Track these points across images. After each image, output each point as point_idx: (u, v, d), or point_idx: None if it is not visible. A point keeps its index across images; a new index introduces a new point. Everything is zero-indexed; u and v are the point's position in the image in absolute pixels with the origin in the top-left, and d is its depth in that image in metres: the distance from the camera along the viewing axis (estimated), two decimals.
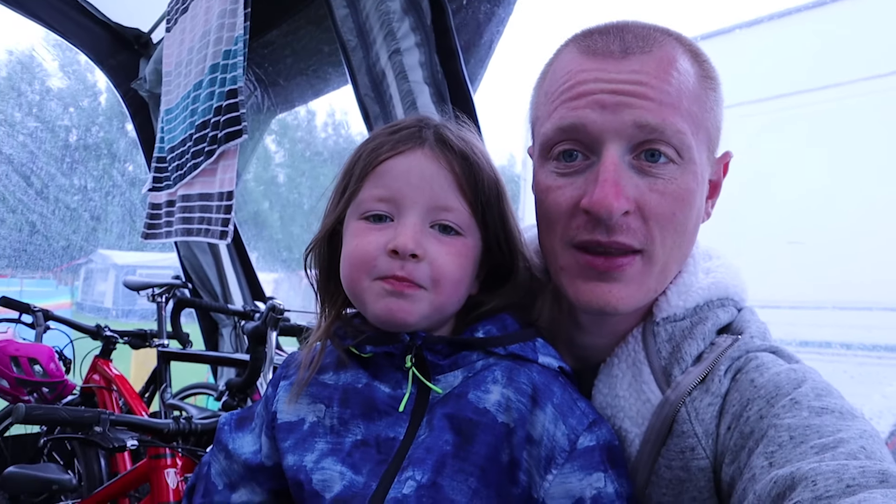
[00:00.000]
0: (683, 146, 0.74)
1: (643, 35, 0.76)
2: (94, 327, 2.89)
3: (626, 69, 0.74)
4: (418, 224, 0.78)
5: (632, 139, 0.74)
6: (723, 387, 0.74)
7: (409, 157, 0.80)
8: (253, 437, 0.93)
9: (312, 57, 2.70)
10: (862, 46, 3.12)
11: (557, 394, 0.78)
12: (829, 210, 3.26)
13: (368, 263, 0.78)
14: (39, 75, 9.17)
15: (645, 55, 0.74)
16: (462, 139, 0.83)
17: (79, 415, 1.39)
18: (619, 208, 0.72)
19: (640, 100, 0.72)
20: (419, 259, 0.77)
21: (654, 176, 0.74)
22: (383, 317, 0.78)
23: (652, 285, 0.78)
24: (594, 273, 0.76)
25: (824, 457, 0.57)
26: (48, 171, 7.71)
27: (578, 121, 0.75)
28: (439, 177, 0.79)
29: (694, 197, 0.76)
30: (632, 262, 0.75)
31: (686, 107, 0.74)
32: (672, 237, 0.76)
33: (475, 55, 1.93)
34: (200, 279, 3.34)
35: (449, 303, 0.81)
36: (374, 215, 0.80)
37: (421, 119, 0.85)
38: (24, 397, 2.35)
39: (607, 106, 0.73)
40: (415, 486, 0.75)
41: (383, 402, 0.81)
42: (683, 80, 0.74)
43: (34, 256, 7.99)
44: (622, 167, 0.74)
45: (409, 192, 0.78)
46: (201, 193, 2.42)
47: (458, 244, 0.80)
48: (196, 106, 2.47)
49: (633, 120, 0.72)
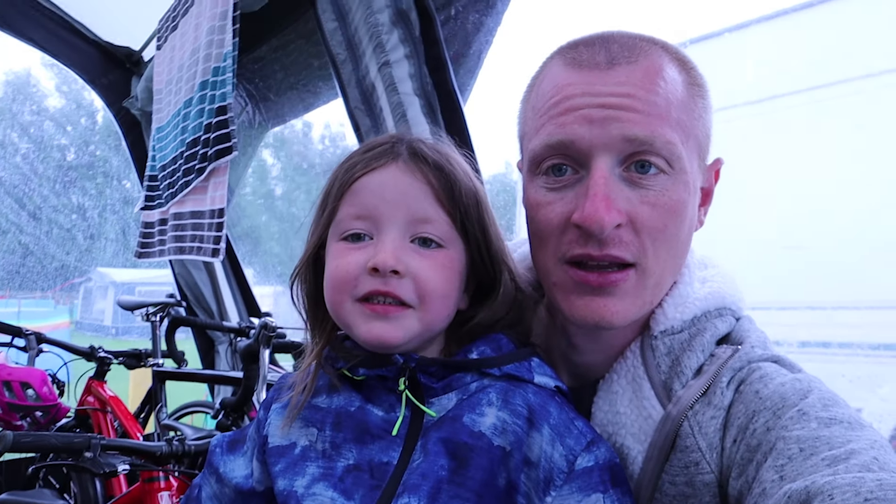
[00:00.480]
0: (673, 156, 0.73)
1: (629, 45, 0.75)
2: (88, 349, 2.87)
3: (613, 81, 0.73)
4: (398, 239, 0.76)
5: (621, 152, 0.73)
6: (725, 399, 0.73)
7: (382, 172, 0.79)
8: (245, 461, 0.91)
9: (302, 71, 2.69)
10: (853, 47, 3.12)
11: (554, 414, 0.76)
12: (826, 215, 3.25)
13: (349, 284, 0.77)
14: (36, 96, 9.20)
15: (631, 65, 0.73)
16: (436, 150, 0.81)
17: (69, 440, 1.36)
18: (611, 222, 0.71)
19: (628, 112, 0.71)
20: (401, 275, 0.75)
21: (644, 187, 0.73)
22: (371, 341, 0.77)
23: (647, 298, 0.77)
24: (588, 288, 0.75)
25: (837, 469, 0.55)
26: (41, 193, 7.72)
27: (566, 137, 0.74)
28: (415, 189, 0.78)
29: (686, 207, 0.75)
30: (626, 276, 0.74)
31: (675, 116, 0.73)
32: (665, 249, 0.75)
33: (464, 66, 1.92)
34: (195, 296, 3.32)
35: (437, 319, 0.79)
36: (353, 234, 0.79)
37: (395, 136, 0.84)
38: (16, 422, 2.33)
39: (595, 120, 0.72)
40: None
41: (376, 426, 0.79)
42: (671, 88, 0.73)
43: (27, 279, 7.99)
44: (612, 180, 0.73)
45: (385, 208, 0.77)
46: (193, 211, 2.41)
47: (440, 257, 0.78)
48: (186, 123, 2.46)
49: (621, 134, 0.71)
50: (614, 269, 0.74)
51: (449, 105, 1.77)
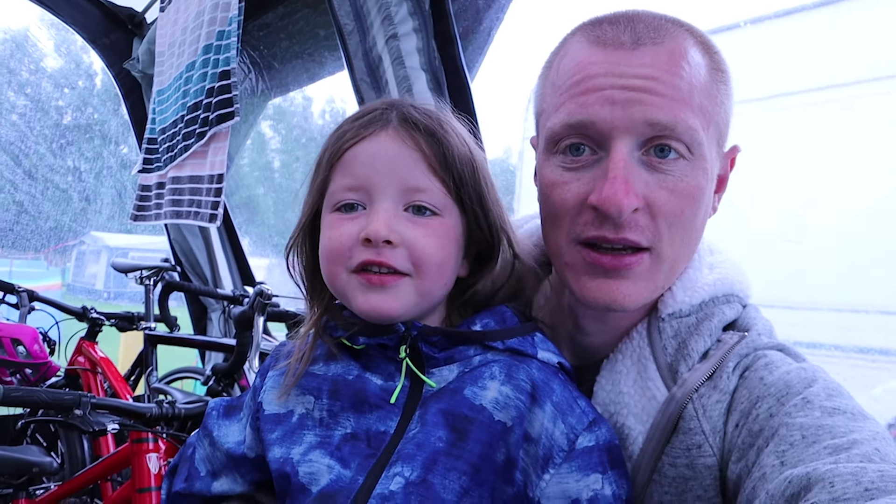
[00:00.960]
0: (694, 143, 0.72)
1: (654, 26, 0.74)
2: (80, 309, 2.86)
3: (637, 62, 0.71)
4: (390, 209, 0.75)
5: (642, 135, 0.72)
6: (731, 384, 0.73)
7: (373, 141, 0.77)
8: (239, 427, 0.91)
9: (308, 40, 2.66)
10: (867, 47, 3.11)
11: (557, 391, 0.76)
12: (826, 211, 3.26)
13: (343, 255, 0.76)
14: (34, 55, 9.10)
15: (656, 46, 0.72)
16: (428, 115, 0.79)
17: (59, 397, 1.36)
18: (629, 205, 0.70)
19: (652, 96, 0.70)
20: (394, 245, 0.74)
21: (663, 172, 0.72)
22: (368, 312, 0.76)
23: (660, 282, 0.77)
24: (601, 270, 0.74)
25: (839, 458, 0.55)
26: (38, 152, 7.66)
27: (587, 117, 0.72)
28: (406, 157, 0.76)
29: (703, 194, 0.74)
30: (640, 260, 0.74)
31: (697, 102, 0.72)
32: (680, 234, 0.74)
33: (474, 42, 1.90)
34: (190, 263, 3.30)
35: (435, 287, 0.78)
36: (346, 205, 0.77)
37: (386, 101, 0.81)
38: (6, 378, 2.33)
39: (617, 102, 0.71)
40: (403, 482, 0.73)
41: (374, 395, 0.79)
42: (695, 73, 0.72)
43: (21, 236, 7.93)
44: (631, 163, 0.72)
45: (377, 178, 0.76)
46: (192, 176, 2.39)
47: (434, 224, 0.77)
48: (188, 87, 2.43)
49: (643, 117, 0.70)
50: (628, 252, 0.73)
51: (456, 82, 1.75)
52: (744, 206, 2.64)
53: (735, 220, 0.93)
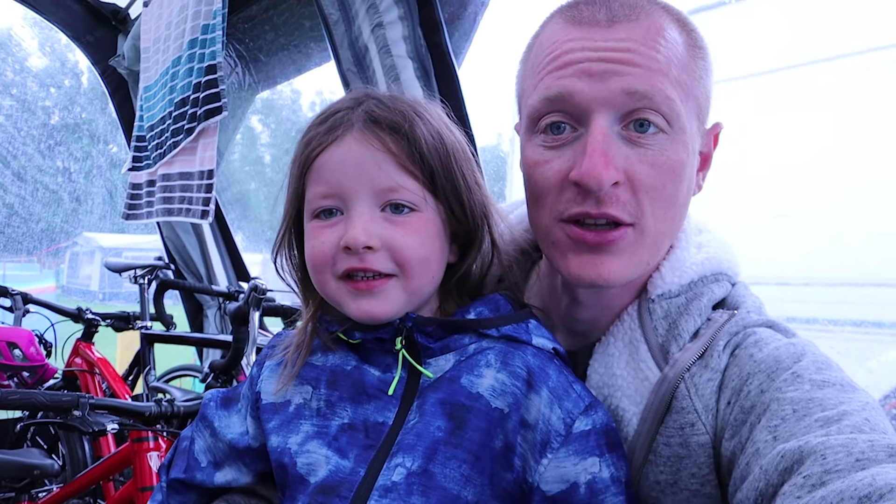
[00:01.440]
0: (673, 114, 0.72)
1: (630, 4, 0.74)
2: (76, 310, 2.85)
3: (613, 37, 0.72)
4: (366, 213, 0.75)
5: (621, 108, 0.72)
6: (722, 362, 0.73)
7: (339, 146, 0.76)
8: (239, 419, 0.91)
9: (294, 32, 2.64)
10: (853, 20, 3.10)
11: (553, 377, 0.76)
12: (816, 183, 3.27)
13: (327, 264, 0.76)
14: (18, 55, 9.00)
15: (632, 23, 0.73)
16: (393, 110, 0.78)
17: (57, 399, 1.35)
18: (609, 178, 0.70)
19: (629, 66, 0.71)
20: (375, 249, 0.74)
21: (643, 146, 0.72)
22: (361, 318, 0.76)
23: (644, 257, 0.77)
24: (585, 247, 0.75)
25: (830, 430, 0.56)
26: (26, 153, 7.60)
27: (565, 90, 0.73)
28: (375, 160, 0.75)
29: (684, 168, 0.74)
30: (623, 234, 0.74)
31: (675, 74, 0.72)
32: (663, 209, 0.74)
33: (460, 28, 1.88)
34: (184, 260, 3.30)
35: (423, 283, 0.78)
36: (324, 211, 0.77)
37: (351, 98, 0.80)
38: (3, 382, 2.32)
39: (594, 74, 0.71)
40: (405, 472, 0.73)
41: (372, 386, 0.79)
42: (672, 47, 0.73)
43: (13, 239, 7.89)
44: (611, 137, 0.72)
45: (348, 183, 0.75)
46: (182, 172, 2.38)
47: (413, 222, 0.76)
48: (175, 83, 2.41)
49: (621, 87, 0.71)
50: (611, 228, 0.73)
51: (443, 69, 1.75)
52: (733, 181, 2.64)
53: (725, 196, 0.93)
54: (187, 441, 0.95)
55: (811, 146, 3.36)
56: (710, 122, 0.82)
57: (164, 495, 0.92)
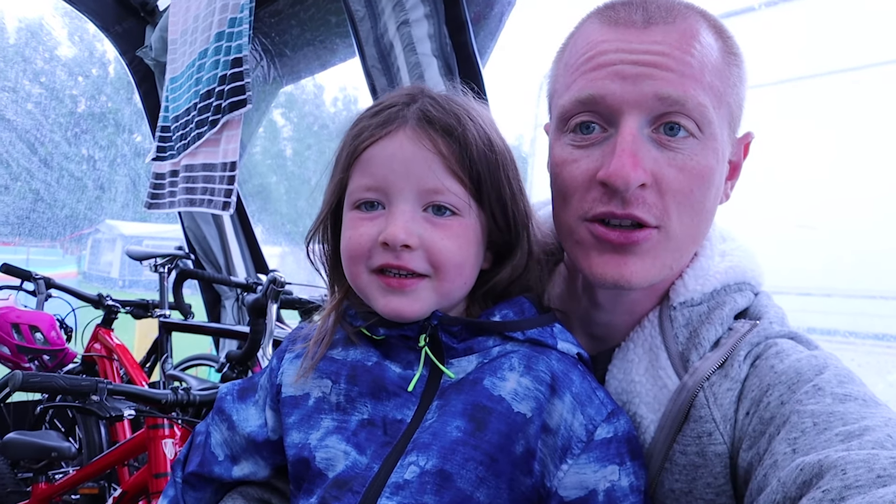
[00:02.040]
0: (704, 120, 0.72)
1: (667, 7, 0.74)
2: (96, 296, 2.89)
3: (649, 40, 0.72)
4: (408, 212, 0.75)
5: (652, 111, 0.72)
6: (742, 372, 0.73)
7: (390, 141, 0.76)
8: (257, 410, 0.91)
9: (320, 27, 2.65)
10: (881, 30, 3.06)
11: (576, 382, 0.76)
12: (840, 194, 3.23)
13: (363, 256, 0.76)
14: (48, 44, 9.13)
15: (668, 25, 0.72)
16: (448, 111, 0.78)
17: (76, 383, 1.38)
18: (636, 179, 0.70)
19: (662, 71, 0.70)
20: (412, 248, 0.74)
21: (672, 150, 0.72)
22: (389, 315, 0.76)
23: (668, 261, 0.76)
24: (609, 246, 0.74)
25: (851, 445, 0.55)
26: (53, 140, 7.70)
27: (597, 92, 0.73)
28: (424, 160, 0.75)
29: (713, 174, 0.74)
30: (648, 236, 0.73)
31: (708, 80, 0.72)
32: (689, 214, 0.74)
33: (485, 28, 1.88)
34: (204, 250, 3.33)
35: (455, 287, 0.78)
36: (365, 203, 0.77)
37: (406, 94, 0.80)
38: (24, 364, 2.36)
39: (627, 77, 0.71)
40: (418, 471, 0.73)
41: (393, 383, 0.79)
42: (706, 52, 0.72)
43: (38, 224, 8.00)
44: (640, 139, 0.72)
45: (394, 180, 0.75)
46: (205, 164, 2.40)
47: (454, 225, 0.76)
48: (201, 74, 2.44)
49: (653, 91, 0.70)
50: (636, 228, 0.73)
51: (468, 68, 1.74)
52: (757, 190, 2.61)
53: (748, 204, 0.92)
54: (202, 436, 0.94)
55: (835, 156, 3.32)
56: (742, 132, 0.81)
57: (177, 490, 0.92)
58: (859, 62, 3.26)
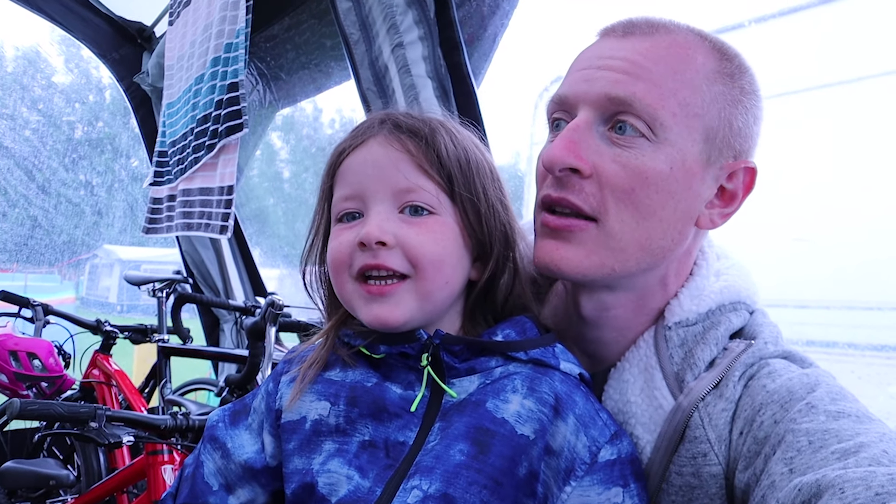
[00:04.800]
0: (655, 122, 0.73)
1: (656, 24, 0.77)
2: (94, 322, 2.88)
3: (620, 46, 0.76)
4: (384, 212, 0.76)
5: (604, 110, 0.75)
6: (736, 393, 0.73)
7: (363, 149, 0.79)
8: (251, 435, 0.89)
9: (315, 51, 2.68)
10: (874, 43, 3.09)
11: (580, 404, 0.75)
12: (837, 206, 3.24)
13: (345, 262, 0.77)
14: (46, 71, 9.20)
15: (644, 36, 0.76)
16: (416, 118, 0.81)
17: (75, 410, 1.37)
18: (564, 161, 0.73)
19: (615, 73, 0.74)
20: (389, 246, 0.75)
21: (620, 147, 0.74)
22: (373, 324, 0.76)
23: (606, 260, 0.75)
24: (548, 230, 0.78)
25: (847, 463, 0.55)
26: (50, 166, 7.73)
27: (565, 91, 0.78)
28: (393, 161, 0.77)
29: (662, 179, 0.73)
30: (583, 226, 0.75)
31: (672, 87, 0.73)
32: (631, 214, 0.74)
33: (479, 49, 1.90)
34: (202, 274, 3.33)
35: (436, 287, 0.77)
36: (346, 214, 0.79)
37: (380, 113, 0.84)
38: (22, 392, 2.35)
39: (589, 78, 0.76)
40: (421, 495, 0.71)
41: (394, 404, 0.78)
42: (679, 63, 0.74)
43: (36, 251, 8.00)
44: (587, 131, 0.75)
45: (368, 184, 0.77)
46: (202, 188, 2.41)
47: (429, 222, 0.77)
48: (197, 99, 2.45)
49: (602, 90, 0.74)
50: (575, 217, 0.76)
51: (462, 89, 1.76)
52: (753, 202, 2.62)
53: (745, 217, 0.92)
54: (191, 467, 0.91)
55: (831, 168, 3.33)
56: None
57: None
58: (856, 74, 3.29)
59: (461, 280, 0.81)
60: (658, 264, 0.79)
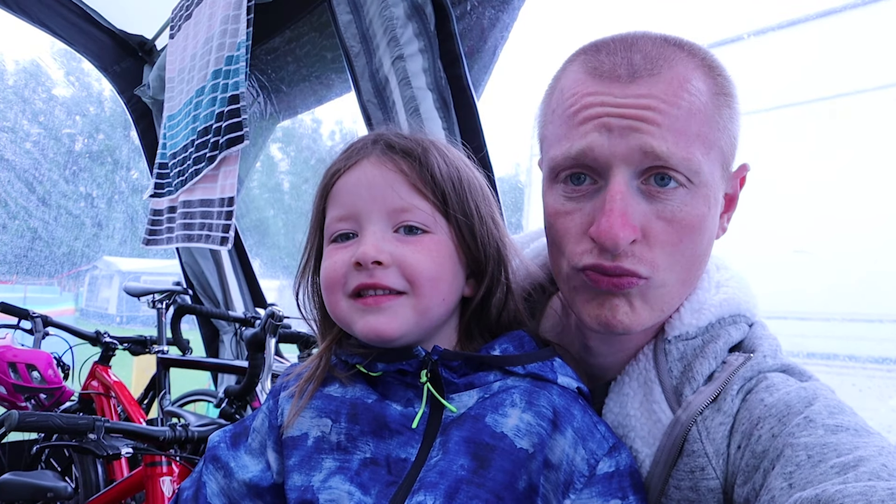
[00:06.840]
0: (692, 172, 0.71)
1: (653, 55, 0.73)
2: (94, 333, 2.88)
3: (633, 93, 0.71)
4: (379, 232, 0.77)
5: (639, 164, 0.71)
6: (734, 406, 0.73)
7: (356, 170, 0.80)
8: (252, 457, 0.88)
9: (315, 63, 2.69)
10: (873, 55, 3.11)
11: (578, 417, 0.76)
12: (837, 218, 3.24)
13: (339, 282, 0.77)
14: (46, 84, 9.24)
15: (653, 77, 0.71)
16: (409, 138, 0.82)
17: (73, 422, 1.36)
18: (626, 238, 0.70)
19: (647, 125, 0.70)
20: (385, 265, 0.75)
21: (661, 201, 0.72)
22: (368, 335, 0.76)
23: (658, 306, 0.76)
24: (598, 292, 0.75)
25: (847, 477, 0.55)
26: (51, 178, 7.75)
27: (587, 145, 0.72)
28: (387, 181, 0.78)
29: (704, 221, 0.74)
30: (636, 282, 0.73)
31: (696, 130, 0.71)
32: (680, 263, 0.74)
33: (479, 61, 1.91)
34: (202, 285, 3.32)
35: (432, 303, 0.77)
36: (341, 235, 0.80)
37: (371, 134, 0.84)
38: (21, 403, 2.34)
39: (614, 129, 0.71)
40: None
41: (395, 421, 0.78)
42: (694, 100, 0.71)
43: (35, 262, 8.01)
44: (629, 193, 0.72)
45: (362, 205, 0.78)
46: (202, 199, 2.41)
47: (424, 241, 0.78)
48: (198, 112, 2.46)
49: (639, 146, 0.70)
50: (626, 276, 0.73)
51: (463, 100, 1.77)
52: (753, 214, 2.62)
53: (745, 229, 0.92)
54: (192, 489, 0.89)
55: (831, 181, 3.34)
56: (738, 160, 0.80)
57: None
58: (855, 87, 3.30)
59: (456, 296, 0.81)
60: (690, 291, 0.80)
